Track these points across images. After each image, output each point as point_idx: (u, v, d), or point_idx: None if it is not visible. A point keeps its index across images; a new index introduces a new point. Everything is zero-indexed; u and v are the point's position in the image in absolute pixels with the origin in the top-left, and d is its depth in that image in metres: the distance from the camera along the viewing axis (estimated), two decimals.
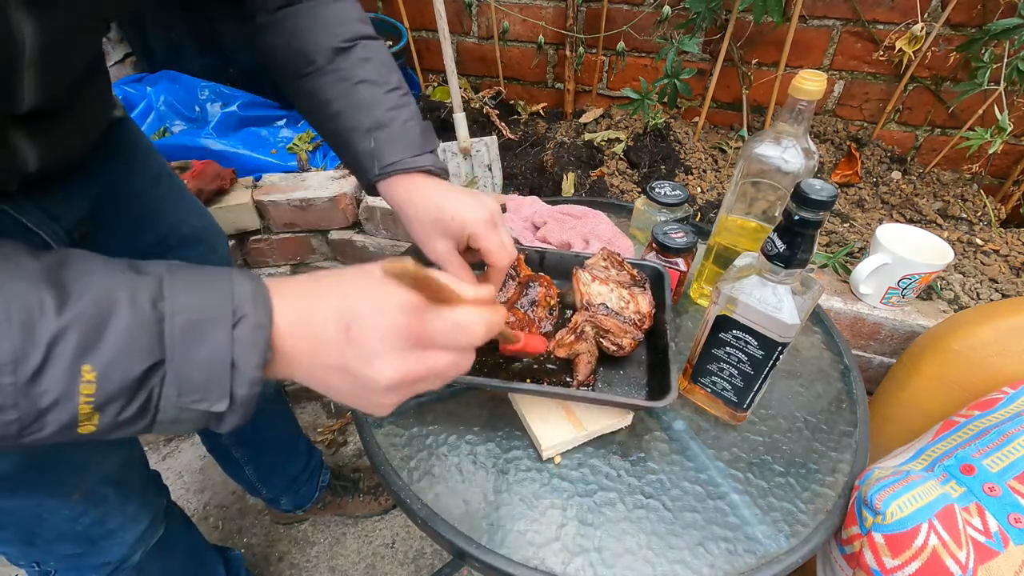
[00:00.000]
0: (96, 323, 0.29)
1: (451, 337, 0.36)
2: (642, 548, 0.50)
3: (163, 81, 1.35)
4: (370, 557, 1.21)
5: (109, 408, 0.30)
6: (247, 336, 0.32)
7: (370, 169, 0.56)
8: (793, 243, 0.46)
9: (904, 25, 1.05)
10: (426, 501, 0.53)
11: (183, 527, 0.81)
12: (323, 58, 0.56)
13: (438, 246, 0.55)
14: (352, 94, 0.56)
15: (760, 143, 0.59)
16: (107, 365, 0.29)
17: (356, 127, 0.56)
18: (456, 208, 0.54)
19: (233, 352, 0.31)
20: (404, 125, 0.57)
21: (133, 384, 0.30)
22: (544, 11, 1.30)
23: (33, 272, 0.30)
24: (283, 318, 0.34)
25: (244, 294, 0.33)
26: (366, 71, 0.57)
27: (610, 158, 1.22)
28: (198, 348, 0.31)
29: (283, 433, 1.07)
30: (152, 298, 0.31)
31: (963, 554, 0.48)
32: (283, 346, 0.34)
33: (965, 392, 0.70)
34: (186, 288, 0.32)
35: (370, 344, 0.34)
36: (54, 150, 0.48)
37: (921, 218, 1.06)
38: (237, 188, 1.15)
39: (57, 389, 0.28)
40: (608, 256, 0.66)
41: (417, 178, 0.56)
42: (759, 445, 0.59)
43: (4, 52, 0.34)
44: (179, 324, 0.31)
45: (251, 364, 0.32)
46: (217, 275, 0.33)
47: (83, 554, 0.63)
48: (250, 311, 0.32)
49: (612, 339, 0.60)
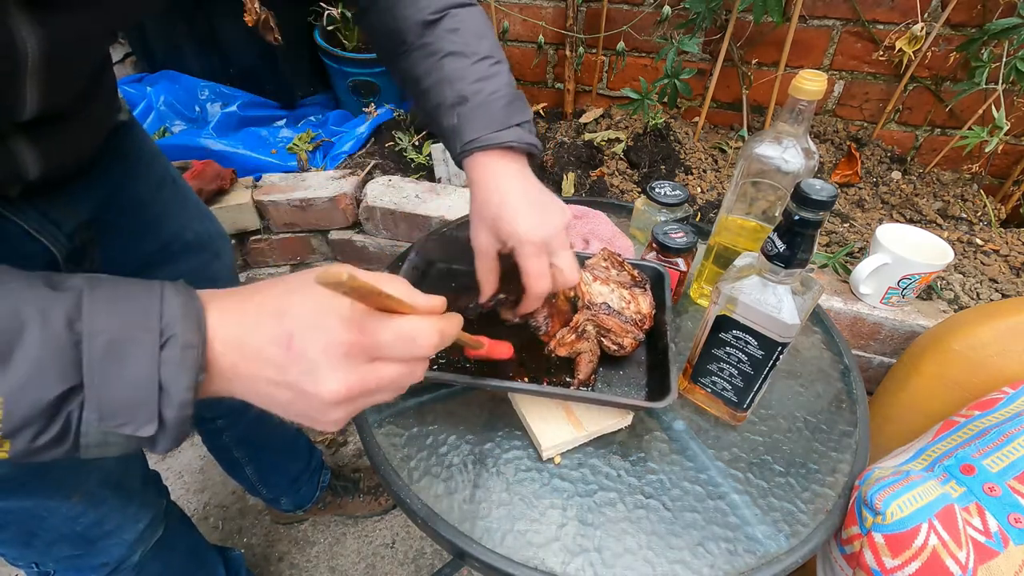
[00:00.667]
0: (2, 346, 0.27)
1: (399, 348, 0.34)
2: (642, 548, 0.50)
3: (163, 81, 1.35)
4: (370, 557, 1.21)
5: (21, 435, 0.28)
6: (175, 357, 0.30)
7: (454, 148, 0.54)
8: (793, 243, 0.46)
9: (904, 25, 1.05)
10: (426, 501, 0.53)
11: (183, 527, 0.81)
12: (413, 34, 0.54)
13: (481, 238, 0.53)
14: (438, 69, 0.54)
15: (760, 143, 0.59)
16: (14, 391, 0.27)
17: (442, 103, 0.54)
18: (518, 217, 0.50)
19: (160, 374, 0.30)
20: (489, 97, 0.53)
21: (46, 410, 0.28)
22: (544, 11, 1.30)
23: None
24: (219, 335, 0.32)
25: (173, 311, 0.31)
26: (453, 43, 0.54)
27: (610, 158, 1.22)
28: (120, 371, 0.29)
29: (284, 433, 1.06)
30: (68, 318, 0.29)
31: (963, 554, 0.48)
32: (219, 364, 0.32)
33: (965, 392, 0.70)
34: (107, 305, 0.30)
35: (313, 359, 0.32)
36: (56, 156, 0.47)
37: (921, 218, 1.06)
38: (237, 188, 1.15)
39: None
40: (609, 256, 0.66)
41: (495, 157, 0.53)
42: (759, 445, 0.59)
43: (6, 60, 0.34)
44: (98, 346, 0.29)
45: (181, 386, 0.30)
46: (144, 291, 0.31)
47: (82, 555, 0.63)
48: (179, 330, 0.30)
49: (613, 339, 0.60)
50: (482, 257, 0.54)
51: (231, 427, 0.94)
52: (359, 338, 0.32)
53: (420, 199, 1.11)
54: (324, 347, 0.32)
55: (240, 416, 0.93)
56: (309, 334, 0.32)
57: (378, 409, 0.61)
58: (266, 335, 0.32)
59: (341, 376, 0.32)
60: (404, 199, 1.12)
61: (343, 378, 0.32)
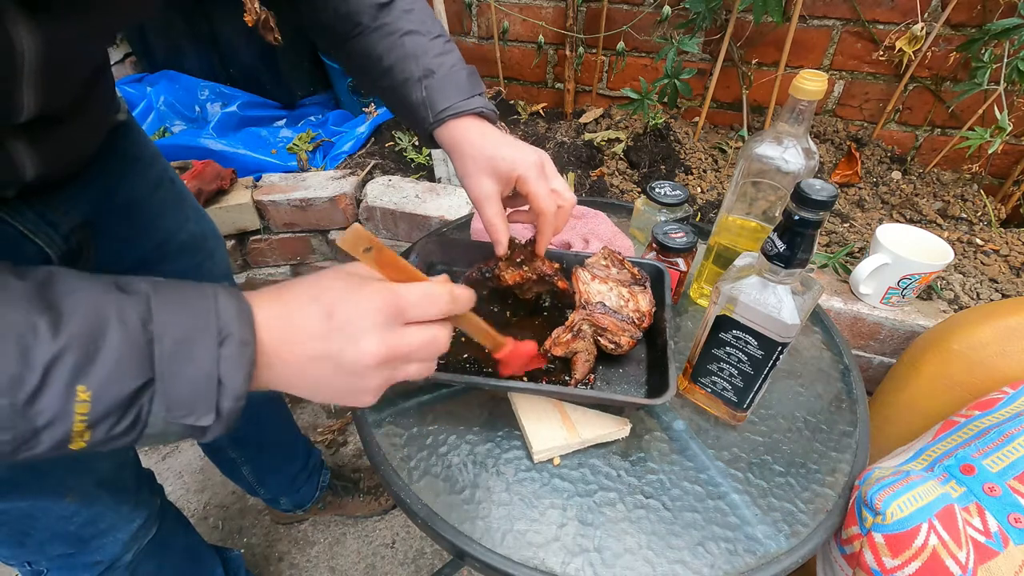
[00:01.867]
0: (89, 345, 0.30)
1: (425, 307, 0.38)
2: (642, 548, 0.50)
3: (163, 81, 1.35)
4: (370, 557, 1.21)
5: (101, 425, 0.31)
6: (233, 354, 0.33)
7: (425, 118, 0.57)
8: (793, 243, 0.46)
9: (904, 25, 1.05)
10: (426, 501, 0.53)
11: (178, 526, 0.80)
12: (368, 16, 0.57)
13: (484, 184, 0.55)
14: (400, 46, 0.57)
15: (760, 143, 0.59)
16: (100, 385, 0.30)
17: (408, 78, 0.57)
18: (508, 151, 0.55)
19: (219, 370, 0.33)
20: (451, 70, 0.58)
21: (124, 402, 0.31)
22: (544, 11, 1.30)
23: (22, 294, 0.30)
24: (266, 330, 0.35)
25: (229, 313, 0.34)
26: (411, 22, 0.58)
27: (610, 158, 1.22)
28: (186, 367, 0.32)
29: (280, 433, 1.06)
30: (141, 319, 0.32)
31: (963, 554, 0.48)
32: (267, 355, 0.35)
33: (965, 392, 0.70)
34: (173, 308, 0.33)
35: (354, 323, 0.35)
36: (54, 157, 0.47)
37: (921, 218, 1.06)
38: (237, 188, 1.15)
39: (53, 409, 0.29)
40: (609, 255, 0.66)
41: (471, 120, 0.57)
42: (759, 445, 0.59)
43: (2, 65, 0.34)
44: (168, 344, 0.32)
45: (237, 380, 0.33)
46: (201, 294, 0.34)
47: (75, 554, 0.63)
48: (235, 330, 0.33)
49: (610, 337, 0.60)
50: (489, 202, 0.56)
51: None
52: (388, 298, 0.36)
53: (420, 199, 1.12)
54: (364, 312, 0.35)
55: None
56: (348, 304, 0.36)
57: (378, 409, 0.61)
58: (309, 313, 0.36)
59: (380, 337, 0.36)
60: (404, 199, 1.12)
61: (382, 338, 0.36)
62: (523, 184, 0.55)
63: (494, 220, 0.56)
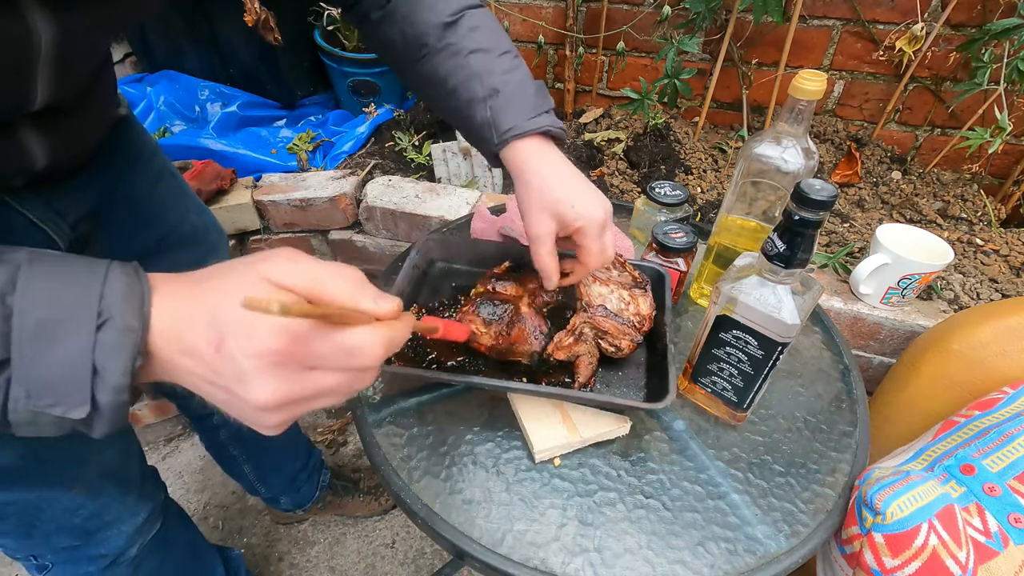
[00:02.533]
0: None
1: (339, 360, 0.32)
2: (642, 548, 0.50)
3: (163, 81, 1.35)
4: (370, 557, 1.21)
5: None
6: (112, 340, 0.29)
7: (490, 139, 0.56)
8: (793, 243, 0.46)
9: (904, 25, 1.05)
10: (426, 501, 0.53)
11: (181, 524, 0.81)
12: (434, 37, 0.56)
13: (544, 224, 0.54)
14: (465, 66, 0.56)
15: (760, 143, 0.59)
16: None
17: (472, 98, 0.56)
18: (579, 199, 0.54)
19: (94, 356, 0.29)
20: (518, 87, 0.56)
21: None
22: (544, 11, 1.30)
23: None
24: (159, 324, 0.31)
25: (115, 293, 0.30)
26: (476, 40, 0.56)
27: (610, 158, 1.22)
28: (50, 349, 0.28)
29: (282, 433, 1.06)
30: (1, 290, 0.28)
31: (963, 554, 0.48)
32: (160, 354, 0.31)
33: (965, 392, 0.70)
34: (45, 282, 0.29)
35: (241, 365, 0.30)
36: (63, 147, 0.48)
37: (921, 218, 1.06)
38: (237, 188, 1.15)
39: None
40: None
41: (535, 144, 0.56)
42: (759, 445, 0.59)
43: (21, 51, 0.35)
44: (29, 322, 0.28)
45: (116, 370, 0.29)
46: (88, 270, 0.31)
47: (80, 546, 0.63)
48: (118, 313, 0.29)
49: (610, 341, 0.60)
50: (545, 241, 0.55)
51: (227, 424, 0.94)
52: (291, 347, 0.30)
53: (420, 199, 1.11)
54: (253, 354, 0.30)
55: None
56: (239, 339, 0.30)
57: (378, 409, 0.61)
58: (199, 334, 0.31)
59: (271, 384, 0.30)
60: (404, 199, 1.12)
61: (272, 386, 0.30)
62: (580, 236, 0.54)
63: (547, 259, 0.55)
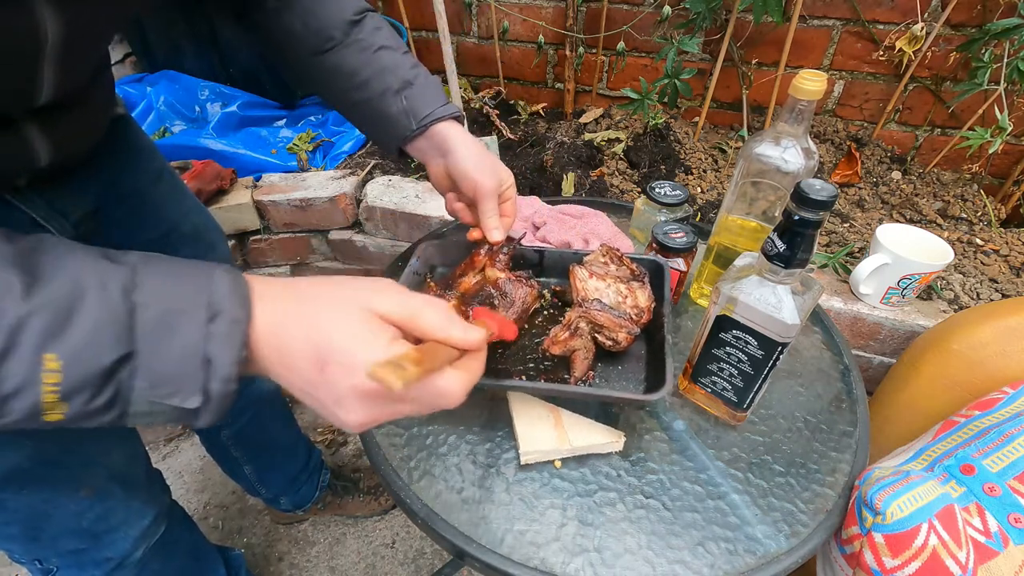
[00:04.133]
0: (63, 310, 0.28)
1: (428, 404, 0.36)
2: (642, 548, 0.50)
3: (163, 81, 1.35)
4: (370, 557, 1.21)
5: (76, 398, 0.29)
6: (222, 331, 0.31)
7: (406, 125, 0.61)
8: (793, 243, 0.46)
9: (904, 25, 1.05)
10: (426, 501, 0.53)
11: (185, 526, 0.81)
12: (340, 32, 0.59)
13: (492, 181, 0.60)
14: (375, 61, 0.60)
15: (760, 143, 0.59)
16: (73, 355, 0.28)
17: (386, 89, 0.60)
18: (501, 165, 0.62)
19: (207, 347, 0.31)
20: (427, 80, 0.62)
21: (101, 375, 0.29)
22: (544, 11, 1.30)
23: (3, 254, 0.29)
24: (262, 320, 0.33)
25: (222, 289, 0.32)
26: (382, 38, 0.61)
27: (610, 158, 1.22)
28: (170, 341, 0.30)
29: (282, 432, 1.06)
30: (124, 287, 0.30)
31: (963, 554, 0.48)
32: (260, 351, 0.33)
33: (965, 392, 0.70)
34: (161, 279, 0.31)
35: (341, 392, 0.33)
36: (64, 144, 0.49)
37: (921, 218, 1.06)
38: (237, 188, 1.15)
39: (20, 376, 0.28)
40: (608, 252, 0.66)
41: (454, 123, 0.62)
42: (759, 445, 0.59)
43: (28, 45, 0.35)
44: (151, 316, 0.30)
45: (226, 360, 0.31)
46: (196, 268, 0.33)
47: (86, 549, 0.63)
48: (227, 307, 0.31)
49: (607, 334, 0.60)
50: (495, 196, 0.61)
51: (229, 425, 0.94)
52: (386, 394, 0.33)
53: (420, 199, 1.11)
54: (353, 386, 0.32)
55: (238, 415, 0.93)
56: (342, 368, 0.32)
57: None
58: (303, 351, 0.33)
59: (364, 412, 0.33)
60: (404, 199, 1.12)
61: (365, 413, 0.34)
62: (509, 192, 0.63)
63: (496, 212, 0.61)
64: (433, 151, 0.63)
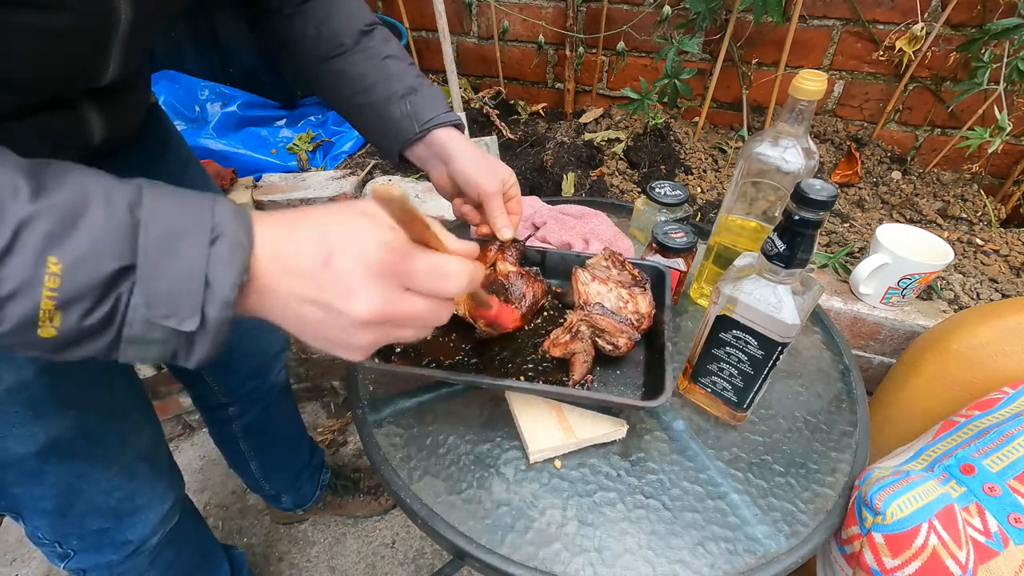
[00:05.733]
0: (68, 216, 0.28)
1: (432, 282, 0.35)
2: (642, 548, 0.50)
3: (163, 81, 1.35)
4: (370, 557, 1.21)
5: (73, 308, 0.29)
6: (224, 254, 0.31)
7: (409, 128, 0.62)
8: (793, 243, 0.46)
9: (904, 25, 1.05)
10: (426, 501, 0.53)
11: (194, 520, 0.82)
12: (351, 39, 0.62)
13: (495, 182, 0.62)
14: (382, 68, 0.63)
15: (760, 143, 0.59)
16: (75, 260, 0.28)
17: (391, 95, 0.62)
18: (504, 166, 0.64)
19: (208, 268, 0.31)
20: (431, 89, 0.64)
21: (100, 285, 0.29)
22: (544, 11, 1.30)
23: (14, 163, 0.29)
24: (262, 245, 0.33)
25: (225, 213, 0.32)
26: (390, 48, 0.64)
27: (610, 158, 1.22)
28: (171, 259, 0.30)
29: (290, 429, 1.07)
30: (129, 203, 0.30)
31: (963, 554, 0.48)
32: (259, 274, 0.33)
33: (965, 392, 0.70)
34: (166, 199, 0.32)
35: (349, 277, 0.33)
36: (115, 124, 0.52)
37: (921, 218, 1.06)
38: (237, 188, 1.15)
39: (19, 276, 0.27)
40: (610, 256, 0.66)
41: (455, 130, 0.64)
42: (759, 445, 0.59)
43: (104, 27, 0.38)
44: (154, 232, 0.30)
45: (226, 283, 0.31)
46: (199, 194, 0.33)
47: (110, 529, 0.65)
48: (229, 230, 0.32)
49: (608, 339, 0.60)
50: (499, 197, 0.62)
51: (241, 416, 0.95)
52: (395, 259, 0.34)
53: (420, 199, 1.12)
54: (361, 266, 0.33)
55: (250, 406, 0.94)
56: (347, 253, 0.33)
57: (378, 409, 0.61)
58: (306, 252, 0.33)
59: (373, 296, 0.33)
60: None
61: (375, 297, 0.33)
62: (512, 191, 0.64)
63: (503, 211, 0.62)
64: (434, 159, 0.64)
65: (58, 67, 0.40)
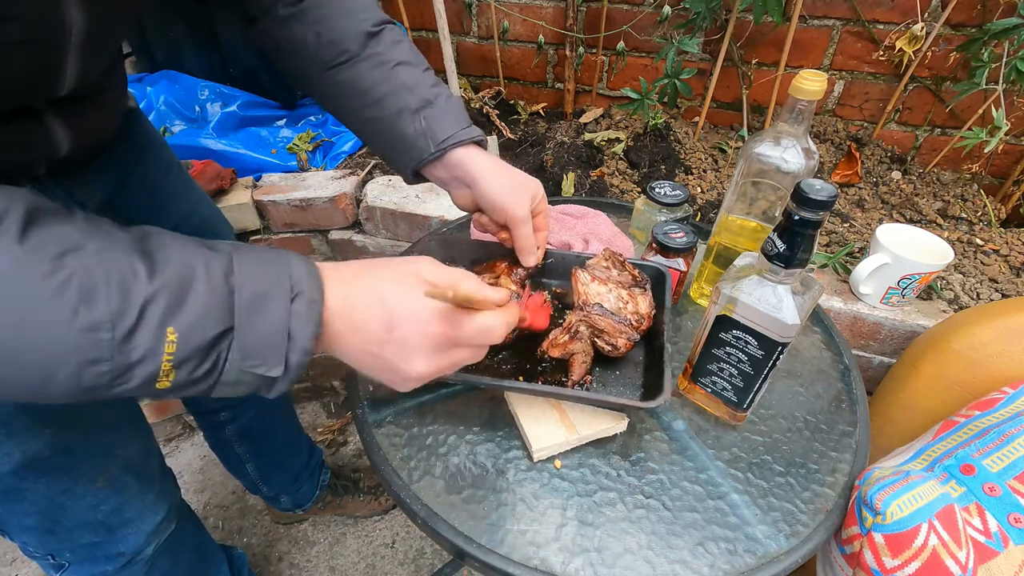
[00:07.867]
0: (179, 291, 0.33)
1: (478, 339, 0.42)
2: (642, 548, 0.50)
3: (163, 81, 1.34)
4: (370, 557, 1.21)
5: (184, 367, 0.33)
6: (302, 310, 0.36)
7: (424, 148, 0.57)
8: (793, 243, 0.46)
9: (904, 25, 1.05)
10: (426, 501, 0.53)
11: (192, 524, 0.81)
12: (356, 44, 0.56)
13: (524, 206, 0.58)
14: (393, 77, 0.57)
15: (760, 143, 0.59)
16: (187, 328, 0.33)
17: (403, 108, 0.57)
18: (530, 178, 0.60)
19: (290, 323, 0.35)
20: (448, 101, 0.58)
21: (206, 347, 0.33)
22: (544, 11, 1.30)
23: (124, 242, 0.33)
24: (332, 300, 0.38)
25: (300, 272, 0.37)
26: (401, 53, 0.58)
27: (610, 158, 1.22)
28: (260, 318, 0.35)
29: (286, 430, 1.07)
30: (224, 272, 0.35)
31: (963, 554, 0.48)
32: (330, 325, 0.38)
33: (965, 392, 0.70)
34: (252, 265, 0.36)
35: (409, 344, 0.39)
36: (83, 134, 0.51)
37: (921, 218, 1.06)
38: (237, 188, 1.15)
39: (146, 346, 0.32)
40: (610, 256, 0.66)
41: (476, 148, 0.59)
42: (759, 445, 0.59)
43: (54, 36, 0.38)
44: (246, 296, 0.35)
45: (305, 335, 0.36)
46: (276, 255, 0.38)
47: (100, 543, 0.63)
48: (306, 288, 0.36)
49: (607, 339, 0.60)
50: (528, 221, 0.59)
51: (234, 420, 0.94)
52: (448, 331, 0.40)
53: (420, 199, 1.11)
54: (421, 337, 0.39)
55: (244, 410, 0.94)
56: (408, 322, 0.39)
57: (378, 409, 0.61)
58: (371, 315, 0.39)
59: (429, 361, 0.40)
60: (404, 199, 1.12)
61: (429, 362, 0.40)
62: (541, 204, 0.61)
63: (531, 238, 0.60)
64: (455, 181, 0.59)
65: (13, 79, 0.39)
